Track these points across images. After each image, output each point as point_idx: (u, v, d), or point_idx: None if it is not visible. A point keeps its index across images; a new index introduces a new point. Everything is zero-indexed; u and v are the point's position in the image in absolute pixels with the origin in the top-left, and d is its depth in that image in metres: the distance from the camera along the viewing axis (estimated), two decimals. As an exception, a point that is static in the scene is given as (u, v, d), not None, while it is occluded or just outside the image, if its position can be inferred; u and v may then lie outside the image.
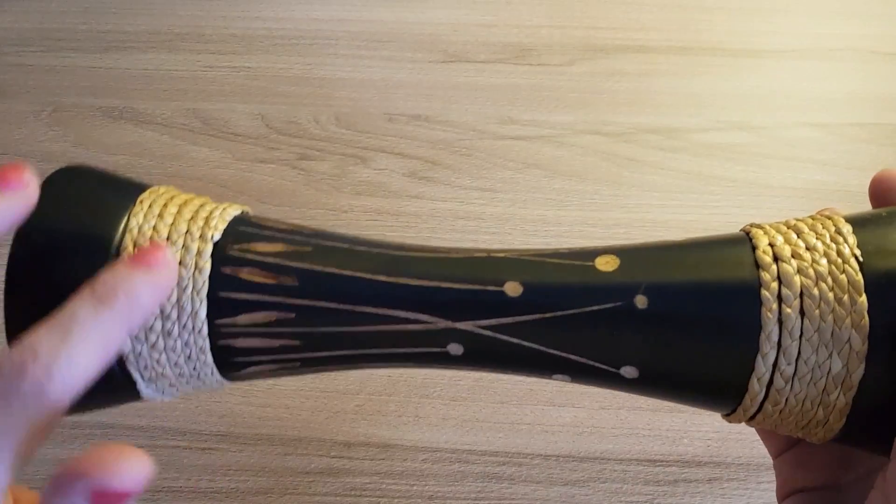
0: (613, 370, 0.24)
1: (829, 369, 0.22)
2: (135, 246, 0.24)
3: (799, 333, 0.22)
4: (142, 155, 0.49)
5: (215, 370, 0.25)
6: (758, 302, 0.22)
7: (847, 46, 0.54)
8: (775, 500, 0.38)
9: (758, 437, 0.39)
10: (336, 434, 0.40)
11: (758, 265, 0.22)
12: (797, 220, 0.24)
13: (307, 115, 0.51)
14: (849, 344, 0.21)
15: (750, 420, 0.24)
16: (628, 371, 0.23)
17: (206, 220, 0.25)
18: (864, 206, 0.25)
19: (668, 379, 0.24)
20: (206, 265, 0.24)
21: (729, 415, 0.24)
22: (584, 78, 0.53)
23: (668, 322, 0.23)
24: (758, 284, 0.22)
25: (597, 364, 0.23)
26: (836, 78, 0.53)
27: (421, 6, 0.56)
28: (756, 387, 0.22)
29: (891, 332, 0.21)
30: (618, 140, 0.50)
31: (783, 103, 0.52)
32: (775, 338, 0.22)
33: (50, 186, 0.24)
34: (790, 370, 0.22)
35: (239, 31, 0.55)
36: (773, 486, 0.38)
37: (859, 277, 0.21)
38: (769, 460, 0.39)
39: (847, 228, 0.23)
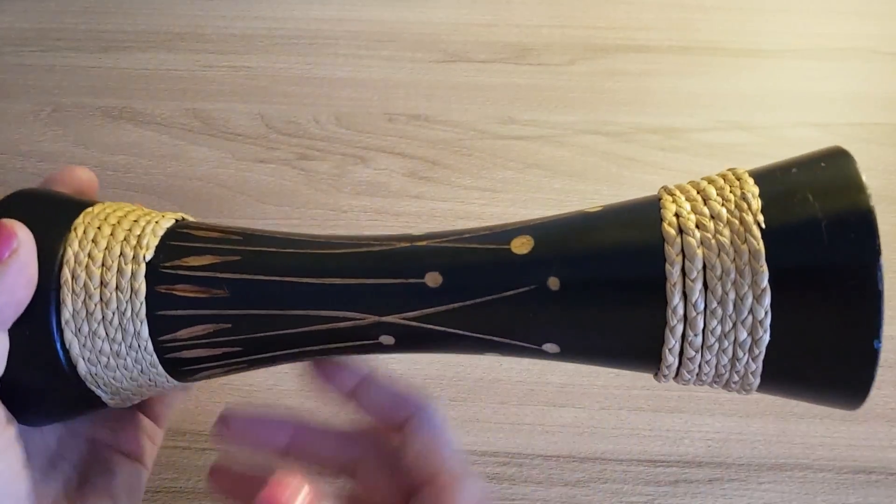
0: (536, 347, 0.25)
1: (735, 338, 0.22)
2: (73, 277, 0.25)
3: (703, 306, 0.22)
4: (141, 155, 0.49)
5: (170, 378, 0.26)
6: (663, 276, 0.22)
7: (847, 46, 0.54)
8: (776, 500, 0.38)
9: (760, 438, 0.39)
10: (336, 434, 0.40)
11: (663, 238, 0.23)
12: (708, 180, 0.24)
13: (307, 114, 0.51)
14: (751, 314, 0.22)
15: (675, 380, 0.25)
16: (550, 347, 0.25)
17: (138, 239, 0.26)
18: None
19: (587, 351, 0.25)
20: (141, 286, 0.25)
21: (654, 376, 0.25)
22: (584, 78, 0.53)
23: (579, 300, 0.23)
24: (663, 259, 0.22)
25: (520, 343, 0.24)
26: (836, 78, 0.53)
27: (421, 6, 0.56)
28: (669, 357, 0.23)
29: (794, 300, 0.21)
30: (618, 140, 0.50)
31: (783, 103, 0.51)
32: (681, 311, 0.22)
33: None
34: (698, 341, 0.23)
35: (238, 30, 0.55)
36: (775, 486, 0.38)
37: (760, 246, 0.22)
38: (770, 461, 0.39)
39: (753, 192, 0.23)
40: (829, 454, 0.39)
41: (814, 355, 0.22)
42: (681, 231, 0.23)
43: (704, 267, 0.22)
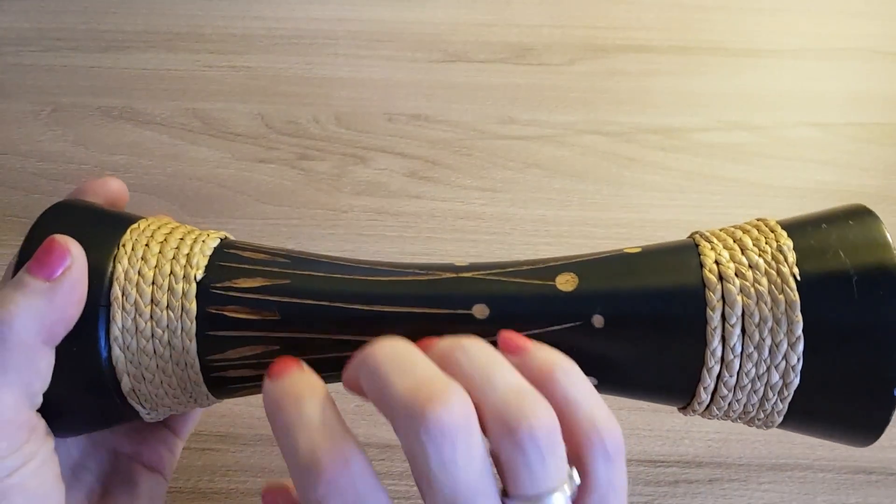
0: None
1: (768, 381, 0.24)
2: (123, 294, 0.25)
3: (740, 350, 0.24)
4: (141, 155, 0.49)
5: (210, 396, 0.27)
6: (703, 319, 0.24)
7: (848, 46, 0.54)
8: (777, 501, 0.38)
9: (760, 438, 0.39)
10: (336, 434, 0.40)
11: (704, 284, 0.24)
12: (742, 230, 0.26)
13: (307, 114, 0.51)
14: (785, 360, 0.24)
15: (703, 415, 0.26)
16: (589, 380, 0.25)
17: (188, 258, 0.26)
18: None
19: (624, 385, 0.26)
20: (192, 306, 0.25)
21: (682, 409, 0.27)
22: (584, 78, 0.52)
23: (622, 338, 0.25)
24: (704, 303, 0.24)
25: None
26: (837, 77, 0.53)
27: (421, 6, 0.55)
28: (703, 394, 0.25)
29: (824, 348, 0.23)
30: (618, 140, 0.50)
31: (784, 103, 0.51)
32: (719, 354, 0.24)
33: (37, 231, 0.25)
34: (732, 381, 0.24)
35: (238, 30, 0.55)
36: (775, 487, 0.38)
37: (796, 297, 0.23)
38: (770, 461, 0.39)
39: (787, 245, 0.24)
40: (830, 454, 0.39)
41: (836, 399, 0.24)
42: (721, 278, 0.24)
43: (743, 313, 0.24)
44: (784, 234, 0.25)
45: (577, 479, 0.22)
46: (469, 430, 0.20)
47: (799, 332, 0.23)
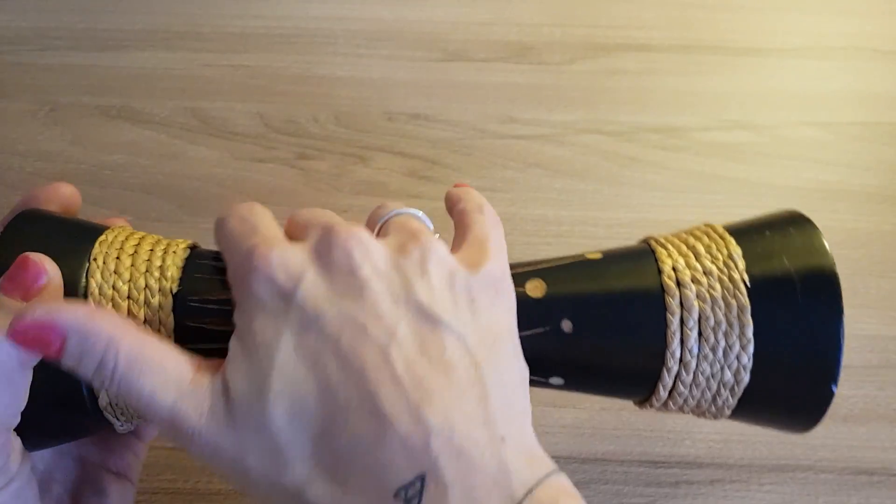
0: (543, 380, 0.27)
1: (721, 379, 0.26)
2: None
3: (697, 351, 0.26)
4: (139, 154, 0.49)
5: None
6: (664, 323, 0.26)
7: (849, 45, 0.54)
8: (778, 502, 0.38)
9: (761, 439, 0.39)
10: (335, 435, 0.40)
11: (664, 289, 0.26)
12: (693, 237, 0.28)
13: (306, 113, 0.51)
14: (737, 360, 0.25)
15: (658, 410, 0.28)
16: (556, 380, 0.27)
17: (161, 270, 0.26)
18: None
19: (588, 384, 0.28)
20: (170, 320, 0.25)
21: (639, 403, 0.29)
22: (584, 77, 0.52)
23: (589, 341, 0.26)
24: (664, 308, 0.26)
25: (530, 377, 0.26)
26: (838, 77, 0.52)
27: (421, 4, 0.55)
28: (662, 392, 0.27)
29: (772, 348, 0.25)
30: (619, 139, 0.50)
31: (785, 102, 0.51)
32: (678, 355, 0.26)
33: (4, 245, 0.25)
34: (689, 380, 0.26)
35: (237, 29, 0.54)
36: (777, 488, 0.38)
37: (747, 302, 0.25)
38: (771, 462, 0.39)
39: (737, 252, 0.26)
40: (831, 455, 0.39)
41: (781, 393, 0.26)
42: (679, 284, 0.26)
43: (700, 317, 0.26)
44: (733, 241, 0.27)
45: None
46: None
47: (750, 334, 0.25)
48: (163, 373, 0.22)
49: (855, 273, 0.44)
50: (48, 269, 0.23)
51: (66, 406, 0.25)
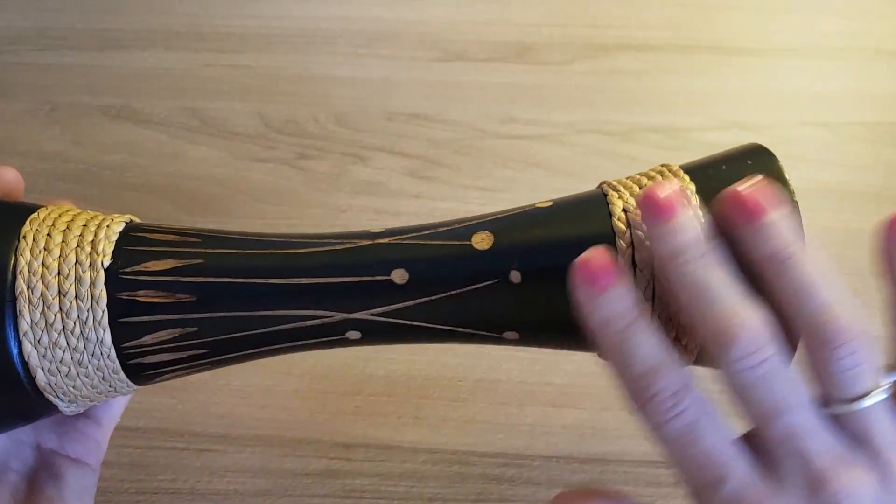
0: (497, 335, 0.26)
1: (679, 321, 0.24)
2: (29, 287, 0.24)
3: (652, 294, 0.24)
4: (139, 154, 0.49)
5: (131, 384, 0.26)
6: None
7: (849, 45, 0.54)
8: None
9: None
10: (335, 435, 0.40)
11: (613, 231, 0.25)
12: (647, 177, 0.26)
13: (306, 113, 0.51)
14: None
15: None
16: (510, 335, 0.26)
17: (93, 244, 0.25)
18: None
19: (543, 336, 0.27)
20: (102, 294, 0.24)
21: (602, 355, 0.27)
22: (584, 77, 0.52)
23: (538, 291, 0.25)
24: (615, 251, 0.24)
25: (482, 332, 0.26)
26: (838, 77, 0.52)
27: (421, 4, 0.55)
28: None
29: None
30: (619, 139, 0.50)
31: (785, 102, 0.51)
32: None
33: None
34: None
35: (237, 29, 0.54)
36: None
37: None
38: (772, 462, 0.39)
39: (691, 188, 0.25)
40: (832, 455, 0.39)
41: None
42: (629, 225, 0.25)
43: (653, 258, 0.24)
44: (687, 178, 0.25)
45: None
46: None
47: None
48: None
49: (855, 273, 0.44)
50: None
51: (4, 389, 0.24)
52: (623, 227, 0.25)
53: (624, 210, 0.25)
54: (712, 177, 0.25)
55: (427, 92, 0.52)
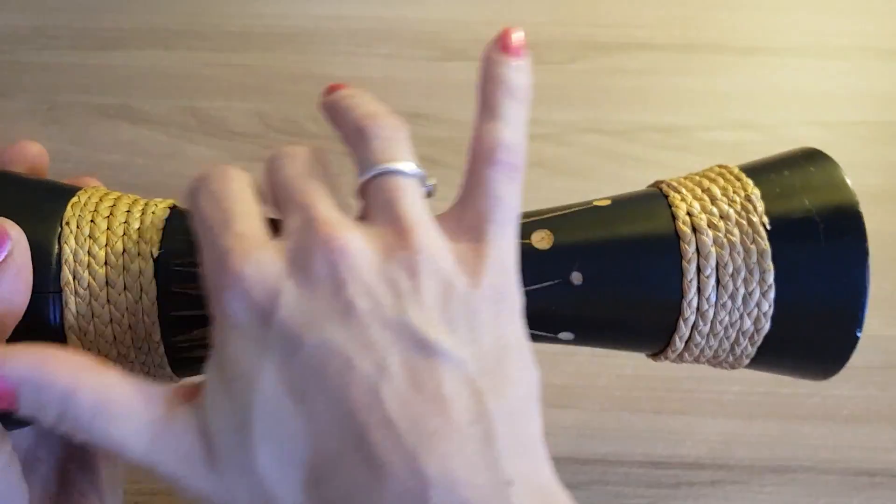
0: (552, 335, 0.26)
1: (740, 327, 0.24)
2: (75, 278, 0.23)
3: (714, 300, 0.24)
4: (138, 153, 0.49)
5: (174, 377, 0.26)
6: (679, 272, 0.24)
7: (851, 44, 0.54)
8: (779, 503, 0.38)
9: (761, 440, 0.39)
10: (335, 436, 0.40)
11: (678, 236, 0.24)
12: (708, 179, 0.26)
13: (305, 113, 0.51)
14: (757, 307, 0.24)
15: (673, 360, 0.27)
16: (565, 335, 0.26)
17: (140, 232, 0.24)
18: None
19: (600, 337, 0.27)
20: (152, 286, 0.23)
21: (653, 356, 0.27)
22: (585, 76, 0.52)
23: (600, 293, 0.25)
24: (679, 256, 0.24)
25: (538, 332, 0.25)
26: (840, 76, 0.52)
27: (421, 4, 0.55)
28: (678, 343, 0.25)
29: (794, 294, 0.24)
30: (620, 139, 0.50)
31: (787, 101, 0.51)
32: (695, 304, 0.24)
33: None
34: (706, 329, 0.25)
35: (236, 28, 0.54)
36: (778, 489, 0.38)
37: (767, 246, 0.24)
38: (773, 463, 0.39)
39: (756, 194, 0.25)
40: (833, 456, 0.39)
41: (802, 341, 0.25)
42: (694, 230, 0.24)
43: (717, 264, 0.24)
44: (750, 182, 0.25)
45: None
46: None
47: (771, 280, 0.24)
48: (132, 416, 0.20)
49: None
50: (12, 235, 0.22)
51: None
52: (688, 231, 0.24)
53: (688, 213, 0.25)
54: (775, 182, 0.25)
55: (427, 91, 0.51)
